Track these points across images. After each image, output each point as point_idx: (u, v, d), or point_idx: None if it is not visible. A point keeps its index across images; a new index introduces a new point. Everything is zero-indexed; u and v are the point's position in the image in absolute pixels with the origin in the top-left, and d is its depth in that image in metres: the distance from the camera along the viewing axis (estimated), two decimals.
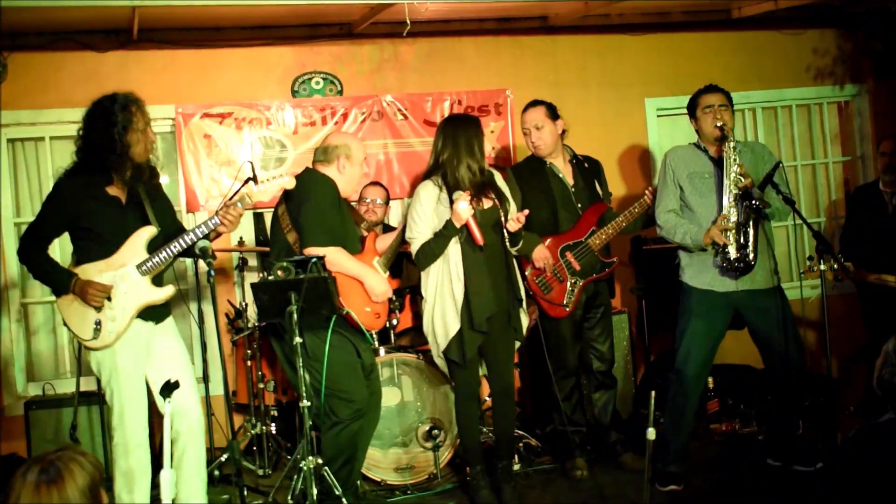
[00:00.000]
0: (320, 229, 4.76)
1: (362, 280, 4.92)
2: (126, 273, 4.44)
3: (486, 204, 5.06)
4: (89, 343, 4.43)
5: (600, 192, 5.70)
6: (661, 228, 5.26)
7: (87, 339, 4.42)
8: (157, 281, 4.55)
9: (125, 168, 4.43)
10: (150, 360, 4.54)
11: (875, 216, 6.25)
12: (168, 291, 4.55)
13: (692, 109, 5.31)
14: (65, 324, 4.52)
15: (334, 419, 4.79)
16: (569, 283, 5.50)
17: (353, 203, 6.03)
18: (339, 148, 4.99)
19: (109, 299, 4.40)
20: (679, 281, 5.30)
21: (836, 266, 5.06)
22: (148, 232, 4.49)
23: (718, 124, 5.09)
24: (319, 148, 5.10)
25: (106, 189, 4.45)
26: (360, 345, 4.94)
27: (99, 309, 4.40)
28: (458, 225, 4.88)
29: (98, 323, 4.40)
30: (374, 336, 5.17)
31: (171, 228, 4.62)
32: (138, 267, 4.44)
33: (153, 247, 4.48)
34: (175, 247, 4.45)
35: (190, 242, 4.46)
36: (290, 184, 4.60)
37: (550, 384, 5.55)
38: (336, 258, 4.77)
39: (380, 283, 4.97)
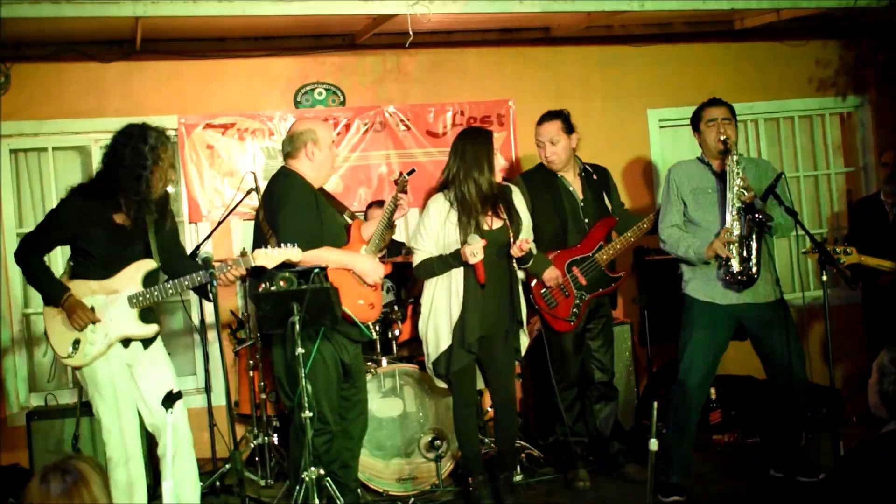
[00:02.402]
0: (300, 236, 4.56)
1: (351, 267, 4.76)
2: (116, 300, 4.44)
3: (496, 224, 5.01)
4: (65, 360, 4.45)
5: (608, 205, 5.68)
6: (665, 243, 5.26)
7: (63, 355, 4.44)
8: (145, 315, 4.53)
9: (139, 206, 4.41)
10: (136, 377, 4.54)
11: (876, 226, 6.25)
12: (152, 329, 4.54)
13: (696, 123, 5.30)
14: (45, 334, 4.52)
15: (300, 430, 4.66)
16: (574, 299, 5.50)
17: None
18: (304, 134, 4.76)
19: (94, 323, 4.40)
20: (682, 293, 5.30)
21: (838, 270, 5.07)
22: (148, 265, 4.50)
23: (722, 138, 5.09)
24: (285, 140, 4.87)
25: (113, 216, 4.45)
26: (349, 349, 4.84)
27: (81, 329, 4.40)
28: (467, 262, 4.84)
29: (77, 342, 4.41)
30: (371, 327, 5.04)
31: (172, 254, 4.64)
32: (130, 298, 4.44)
33: (150, 280, 4.48)
34: (170, 288, 4.45)
35: (187, 287, 4.47)
36: (297, 256, 4.43)
37: (552, 395, 5.55)
38: (319, 256, 4.62)
39: (368, 263, 4.79)
